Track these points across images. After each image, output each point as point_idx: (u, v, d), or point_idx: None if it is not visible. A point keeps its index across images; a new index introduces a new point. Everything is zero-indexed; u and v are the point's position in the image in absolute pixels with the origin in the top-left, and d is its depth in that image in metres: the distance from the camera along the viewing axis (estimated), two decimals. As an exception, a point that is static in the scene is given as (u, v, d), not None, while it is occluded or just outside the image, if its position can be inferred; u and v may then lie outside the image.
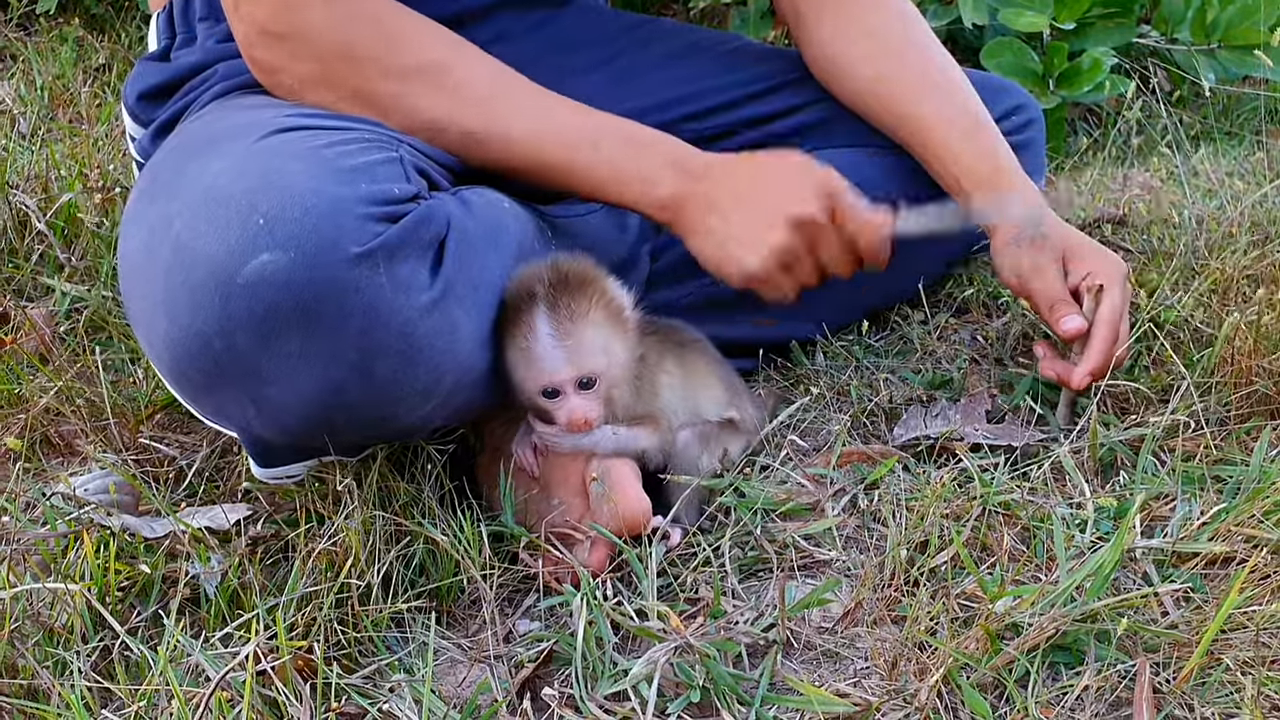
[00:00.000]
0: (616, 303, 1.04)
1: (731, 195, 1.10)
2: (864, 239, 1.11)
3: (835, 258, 1.12)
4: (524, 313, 1.00)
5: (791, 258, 1.11)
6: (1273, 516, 1.04)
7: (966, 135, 1.29)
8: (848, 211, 1.11)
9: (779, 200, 1.09)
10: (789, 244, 1.09)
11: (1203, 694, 0.90)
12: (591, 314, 1.02)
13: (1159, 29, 1.99)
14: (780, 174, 1.12)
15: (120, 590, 0.99)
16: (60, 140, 1.89)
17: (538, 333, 1.00)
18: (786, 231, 1.09)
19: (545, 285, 1.01)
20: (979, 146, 1.28)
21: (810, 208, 1.09)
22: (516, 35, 1.29)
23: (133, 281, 0.94)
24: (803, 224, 1.09)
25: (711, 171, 1.12)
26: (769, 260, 1.10)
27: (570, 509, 1.05)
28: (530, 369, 1.01)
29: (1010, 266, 1.24)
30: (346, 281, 0.87)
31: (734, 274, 1.12)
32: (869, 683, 0.93)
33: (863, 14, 1.33)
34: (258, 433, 0.98)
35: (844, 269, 1.13)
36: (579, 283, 1.02)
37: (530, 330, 1.00)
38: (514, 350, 1.01)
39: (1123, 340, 1.19)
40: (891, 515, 1.07)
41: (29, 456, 1.21)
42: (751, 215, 1.10)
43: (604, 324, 1.03)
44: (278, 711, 0.87)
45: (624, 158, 1.10)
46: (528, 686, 0.93)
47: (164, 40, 1.26)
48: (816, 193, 1.10)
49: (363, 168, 0.91)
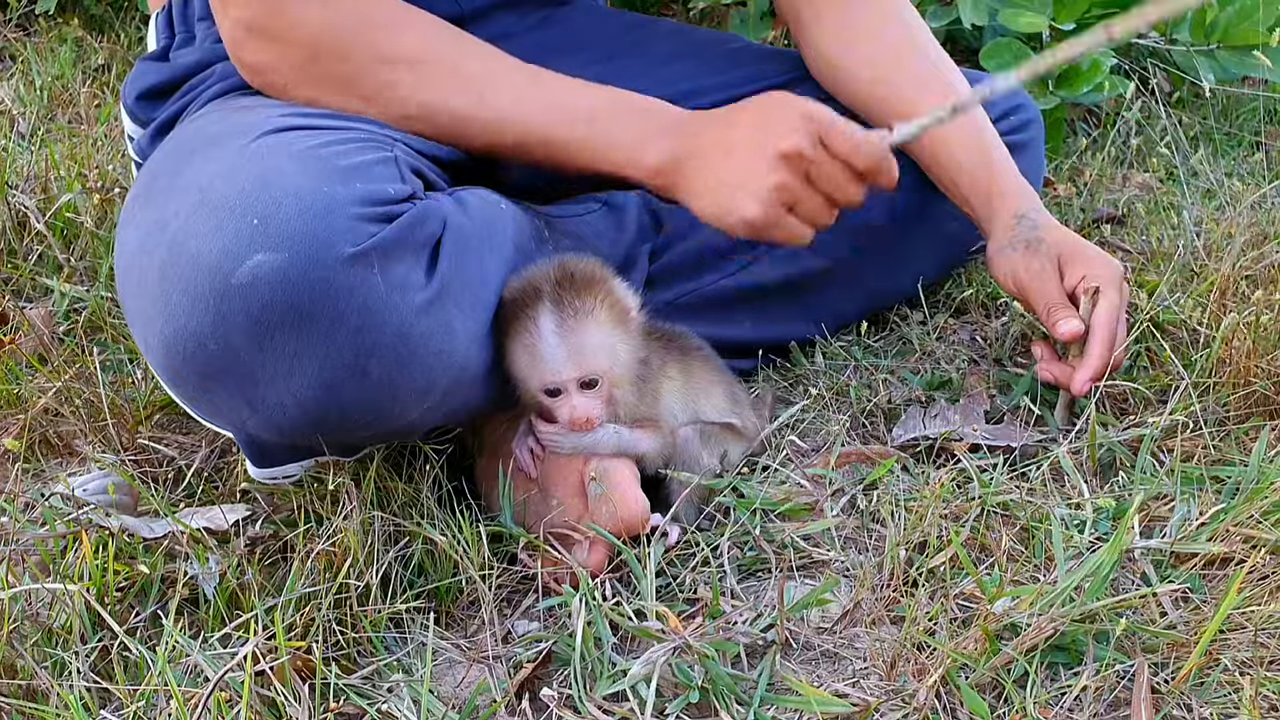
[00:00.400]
0: (622, 303, 1.04)
1: (720, 146, 1.08)
2: (861, 157, 1.07)
3: (838, 185, 1.08)
4: (529, 310, 1.00)
5: (791, 195, 1.06)
6: (1271, 517, 1.04)
7: (964, 139, 1.29)
8: (837, 135, 1.06)
9: (765, 140, 1.06)
10: (784, 181, 1.05)
11: (1201, 694, 0.90)
12: (596, 313, 1.01)
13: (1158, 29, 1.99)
14: (762, 114, 1.08)
15: (119, 590, 0.99)
16: (59, 140, 1.89)
17: (542, 331, 1.00)
18: (778, 168, 1.05)
19: (551, 283, 1.00)
20: (976, 150, 1.28)
21: (795, 139, 1.05)
22: (516, 35, 1.29)
23: (129, 282, 0.94)
24: (792, 157, 1.05)
25: (700, 127, 1.10)
26: (768, 202, 1.06)
27: (569, 509, 1.05)
28: (534, 367, 1.01)
29: (1006, 270, 1.24)
30: (341, 282, 0.87)
31: (738, 224, 1.08)
32: (868, 683, 0.93)
33: (863, 16, 1.33)
34: (253, 433, 0.98)
35: (851, 194, 1.08)
36: (585, 282, 1.02)
37: (535, 328, 1.00)
38: (518, 347, 1.01)
39: (1120, 342, 1.19)
40: (890, 515, 1.07)
41: (28, 457, 1.21)
42: (741, 161, 1.06)
43: (608, 324, 1.03)
44: (276, 712, 0.87)
45: (615, 128, 1.10)
46: (526, 687, 0.93)
47: (163, 40, 1.26)
48: (799, 122, 1.06)
49: (357, 168, 0.91)
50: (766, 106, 1.09)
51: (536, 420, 1.06)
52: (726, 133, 1.08)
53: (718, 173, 1.07)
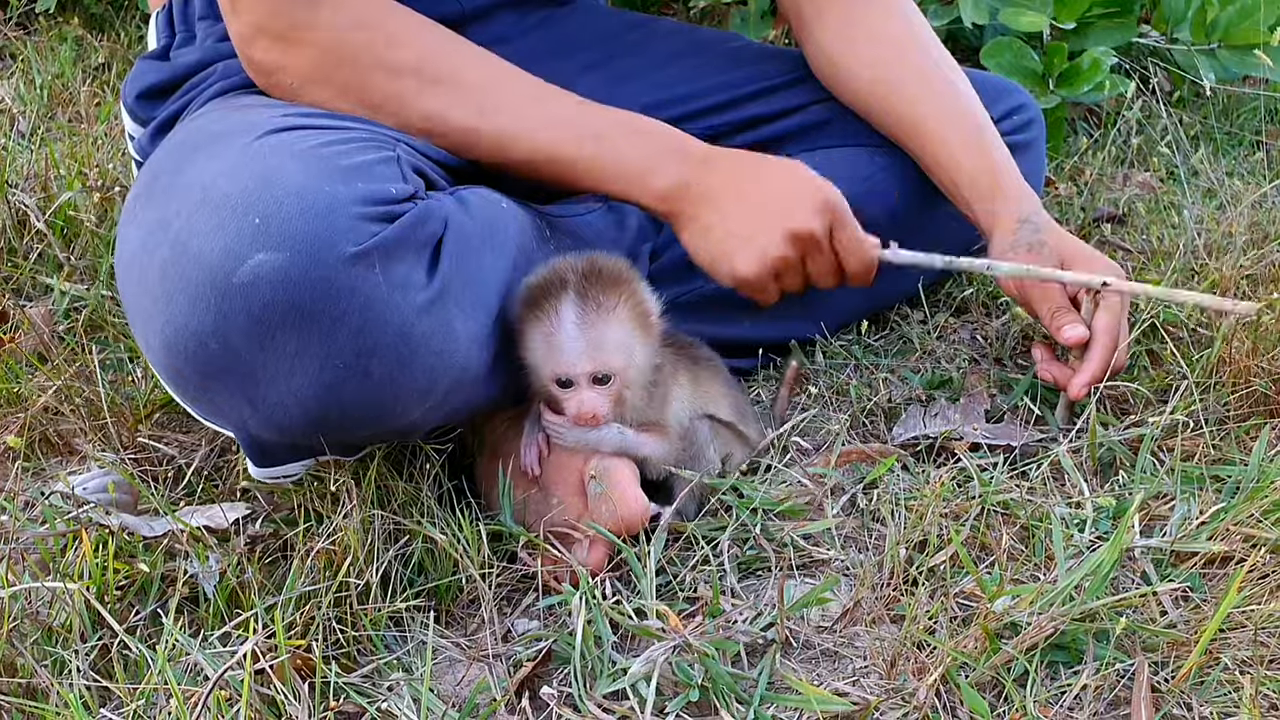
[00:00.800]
0: (644, 306, 1.04)
1: (734, 194, 1.10)
2: (854, 262, 1.14)
3: (824, 273, 1.15)
4: (552, 299, 1.00)
5: (785, 267, 1.12)
6: (1271, 516, 1.04)
7: (965, 140, 1.29)
8: (845, 233, 1.12)
9: (782, 210, 1.11)
10: (786, 256, 1.11)
11: (1201, 693, 0.90)
12: (619, 311, 1.02)
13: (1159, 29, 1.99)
14: (785, 183, 1.12)
15: (119, 589, 0.99)
16: (59, 139, 1.89)
17: (563, 320, 1.00)
18: (786, 244, 1.10)
19: (578, 275, 1.01)
20: (977, 152, 1.28)
21: (813, 225, 1.11)
22: (517, 35, 1.29)
23: (130, 281, 0.94)
24: (804, 239, 1.11)
25: (712, 163, 1.12)
26: (765, 269, 1.11)
27: (569, 508, 1.05)
28: (549, 355, 1.01)
29: (1008, 282, 1.24)
30: (342, 281, 0.87)
31: (725, 275, 1.13)
32: (868, 682, 0.93)
33: (865, 15, 1.33)
34: (254, 432, 0.98)
35: (828, 284, 1.16)
36: (611, 279, 1.02)
37: (556, 317, 1.00)
38: (536, 334, 1.01)
39: (1121, 346, 1.19)
40: (890, 514, 1.07)
41: (28, 455, 1.21)
42: (752, 220, 1.10)
43: (629, 324, 1.03)
44: (276, 710, 0.87)
45: (625, 148, 1.11)
46: (526, 686, 0.93)
47: (163, 39, 1.26)
48: (820, 209, 1.11)
49: (359, 167, 0.91)
50: (791, 177, 1.13)
51: (544, 409, 1.06)
52: (746, 186, 1.11)
53: (724, 225, 1.11)
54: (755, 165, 1.13)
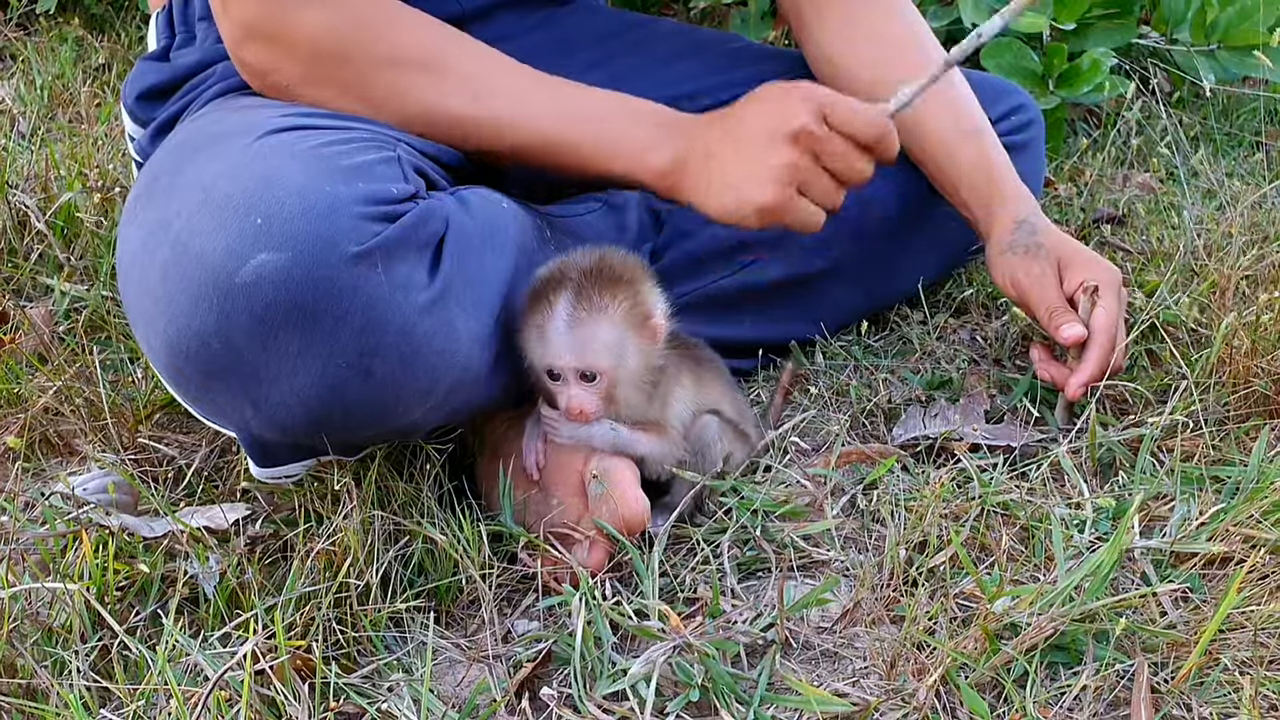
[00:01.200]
0: (643, 307, 1.04)
1: (724, 140, 1.08)
2: (865, 130, 1.06)
3: (844, 162, 1.07)
4: (552, 291, 1.00)
5: (800, 175, 1.06)
6: (1271, 517, 1.04)
7: (964, 141, 1.29)
8: (839, 109, 1.06)
9: (769, 124, 1.06)
10: (793, 159, 1.05)
11: (1201, 694, 0.90)
12: (611, 312, 1.02)
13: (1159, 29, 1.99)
14: (765, 103, 1.08)
15: (119, 590, 0.99)
16: (60, 140, 1.89)
17: (555, 314, 1.00)
18: (786, 148, 1.05)
19: (581, 272, 1.01)
20: (976, 154, 1.28)
21: (800, 119, 1.05)
22: (517, 35, 1.29)
23: (131, 281, 0.94)
24: (799, 136, 1.05)
25: (705, 126, 1.10)
26: (779, 183, 1.05)
27: (569, 509, 1.05)
28: (539, 346, 1.02)
29: (1006, 274, 1.24)
30: (344, 281, 0.87)
31: (750, 214, 1.07)
32: (867, 682, 0.93)
33: (865, 16, 1.33)
34: (256, 432, 0.98)
35: (858, 169, 1.07)
36: (613, 279, 1.02)
37: (550, 310, 1.00)
38: (530, 324, 1.01)
39: (1119, 345, 1.19)
40: (890, 515, 1.07)
41: (28, 456, 1.21)
42: (747, 149, 1.06)
43: (621, 325, 1.02)
44: (276, 711, 0.87)
45: (621, 129, 1.09)
46: (526, 686, 0.93)
47: (163, 40, 1.26)
48: (801, 100, 1.06)
49: (360, 167, 0.91)
50: (767, 95, 1.09)
51: (543, 405, 1.07)
52: (731, 128, 1.08)
53: (725, 167, 1.06)
54: (735, 108, 1.10)
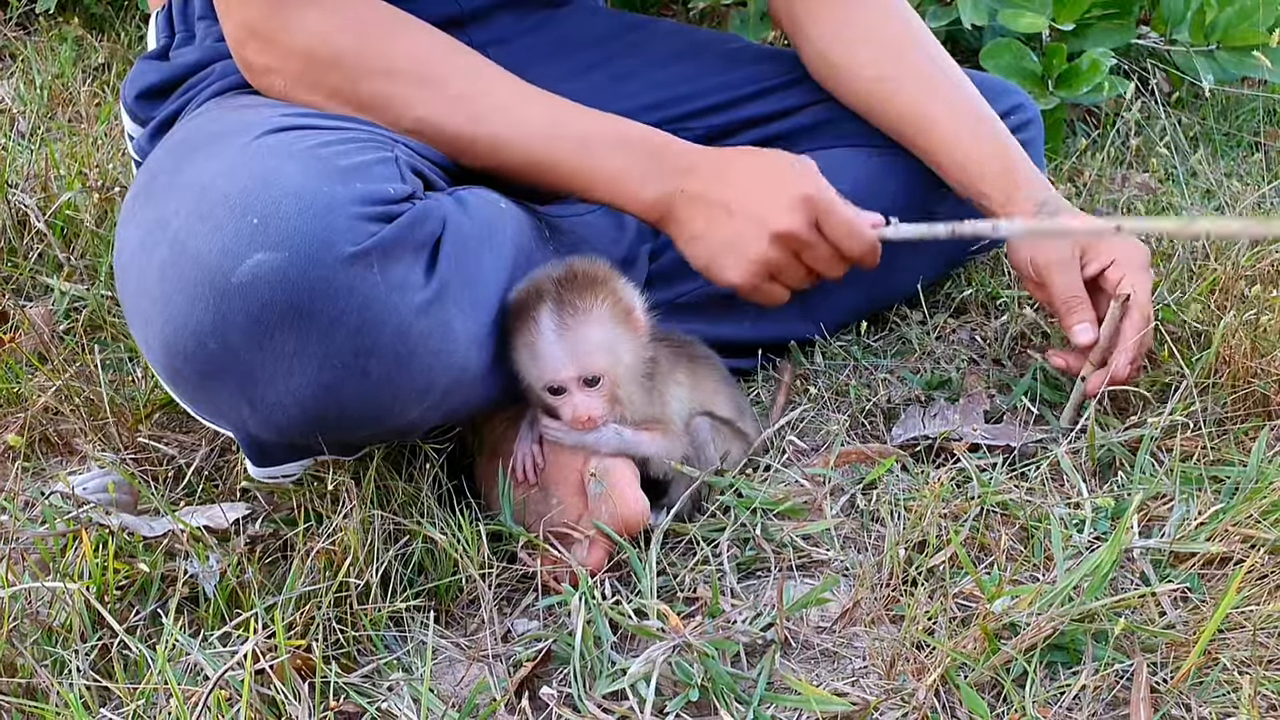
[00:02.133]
0: (625, 304, 1.05)
1: (716, 199, 1.09)
2: (852, 246, 1.11)
3: (824, 264, 1.12)
4: (532, 310, 1.00)
5: (777, 268, 1.10)
6: (1270, 517, 1.04)
7: (974, 130, 1.28)
8: (832, 221, 1.09)
9: (759, 212, 1.08)
10: (773, 258, 1.09)
11: (1200, 693, 0.90)
12: (597, 312, 1.02)
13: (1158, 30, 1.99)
14: (761, 183, 1.10)
15: (119, 589, 0.99)
16: (59, 139, 1.89)
17: (543, 329, 1.00)
18: (769, 246, 1.09)
19: (555, 283, 1.01)
20: (989, 140, 1.28)
21: (791, 222, 1.08)
22: (516, 36, 1.29)
23: (129, 281, 0.94)
24: (786, 239, 1.09)
25: (697, 169, 1.11)
26: (753, 273, 1.10)
27: (568, 508, 1.05)
28: (535, 365, 1.02)
29: (1026, 257, 1.24)
30: (341, 281, 0.87)
31: (719, 281, 1.12)
32: (867, 682, 0.93)
33: (862, 18, 1.33)
34: (253, 432, 0.98)
35: (834, 272, 1.13)
36: (588, 282, 1.02)
37: (536, 327, 1.00)
38: (520, 346, 1.01)
39: (1148, 321, 1.19)
40: (890, 515, 1.07)
41: (28, 455, 1.21)
42: (733, 226, 1.09)
43: (610, 323, 1.03)
44: (276, 710, 0.87)
45: (611, 158, 1.10)
46: (526, 686, 0.93)
47: (163, 39, 1.26)
48: (797, 206, 1.08)
49: (357, 167, 0.91)
50: (769, 173, 1.11)
51: (542, 415, 1.07)
52: (726, 189, 1.09)
53: (711, 228, 1.09)
54: (734, 164, 1.11)
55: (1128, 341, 1.17)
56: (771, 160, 1.12)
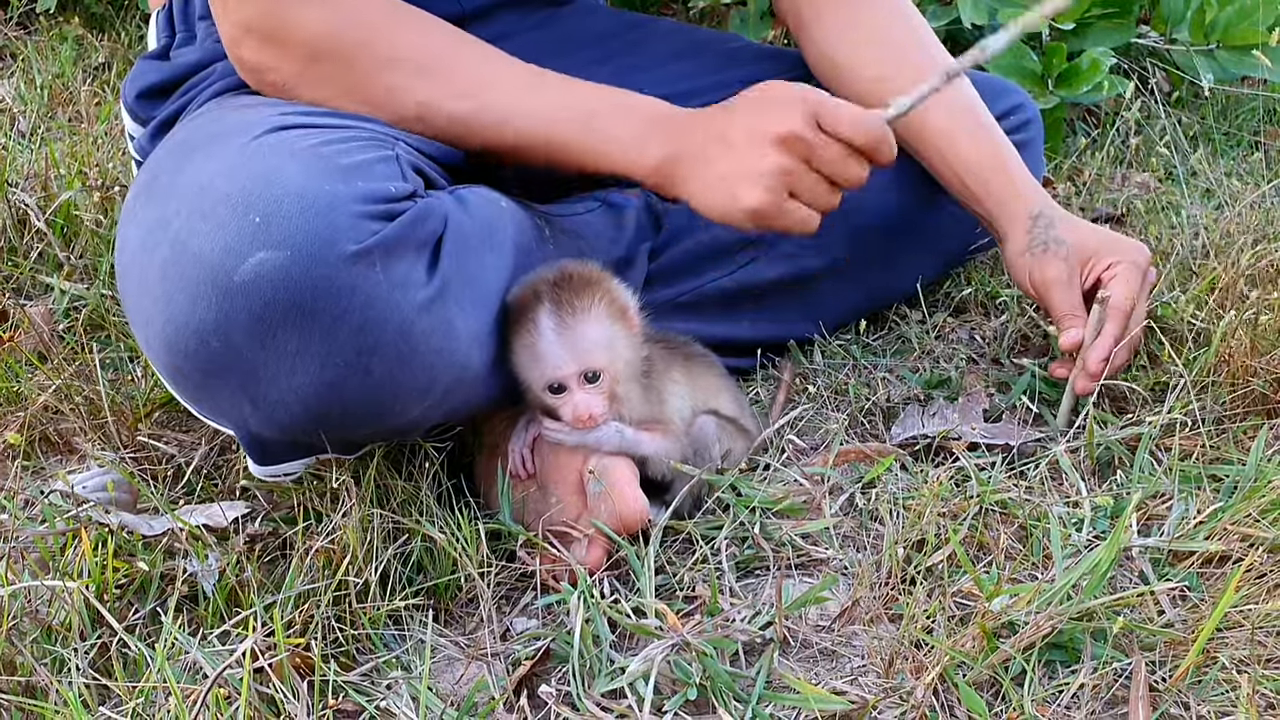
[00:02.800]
0: (620, 302, 1.05)
1: (717, 139, 1.07)
2: (860, 133, 1.05)
3: (838, 165, 1.05)
4: (529, 311, 1.01)
5: (791, 179, 1.04)
6: (1269, 515, 1.04)
7: (973, 137, 1.28)
8: (832, 113, 1.04)
9: (757, 127, 1.04)
10: (782, 164, 1.03)
11: (1199, 692, 0.90)
12: (594, 310, 1.02)
13: (1158, 29, 1.99)
14: (756, 103, 1.07)
15: (118, 588, 0.99)
16: (60, 139, 1.90)
17: (541, 328, 1.00)
18: (775, 152, 1.03)
19: (550, 285, 1.02)
20: (987, 148, 1.28)
21: (790, 122, 1.03)
22: (517, 34, 1.29)
23: (130, 280, 0.94)
24: (789, 140, 1.03)
25: (697, 123, 1.09)
26: (768, 187, 1.04)
27: (567, 507, 1.06)
28: (535, 365, 1.02)
29: (1025, 275, 1.24)
30: (343, 280, 0.87)
31: (742, 215, 1.06)
32: (866, 680, 0.93)
33: (866, 18, 1.33)
34: (254, 430, 0.98)
35: (852, 173, 1.06)
36: (583, 282, 1.03)
37: (534, 327, 1.01)
38: (520, 348, 1.02)
39: (1136, 324, 1.19)
40: (889, 514, 1.07)
41: (28, 454, 1.21)
42: (739, 152, 1.05)
43: (607, 320, 1.03)
44: (275, 709, 0.87)
45: (616, 125, 1.09)
46: (525, 684, 0.93)
47: (163, 39, 1.26)
48: (794, 104, 1.04)
49: (359, 166, 0.91)
50: (760, 95, 1.08)
51: (542, 417, 1.07)
52: (722, 126, 1.07)
53: (716, 166, 1.05)
54: (729, 106, 1.09)
55: (1106, 339, 1.17)
56: (761, 87, 1.09)
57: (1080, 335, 1.18)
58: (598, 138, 1.09)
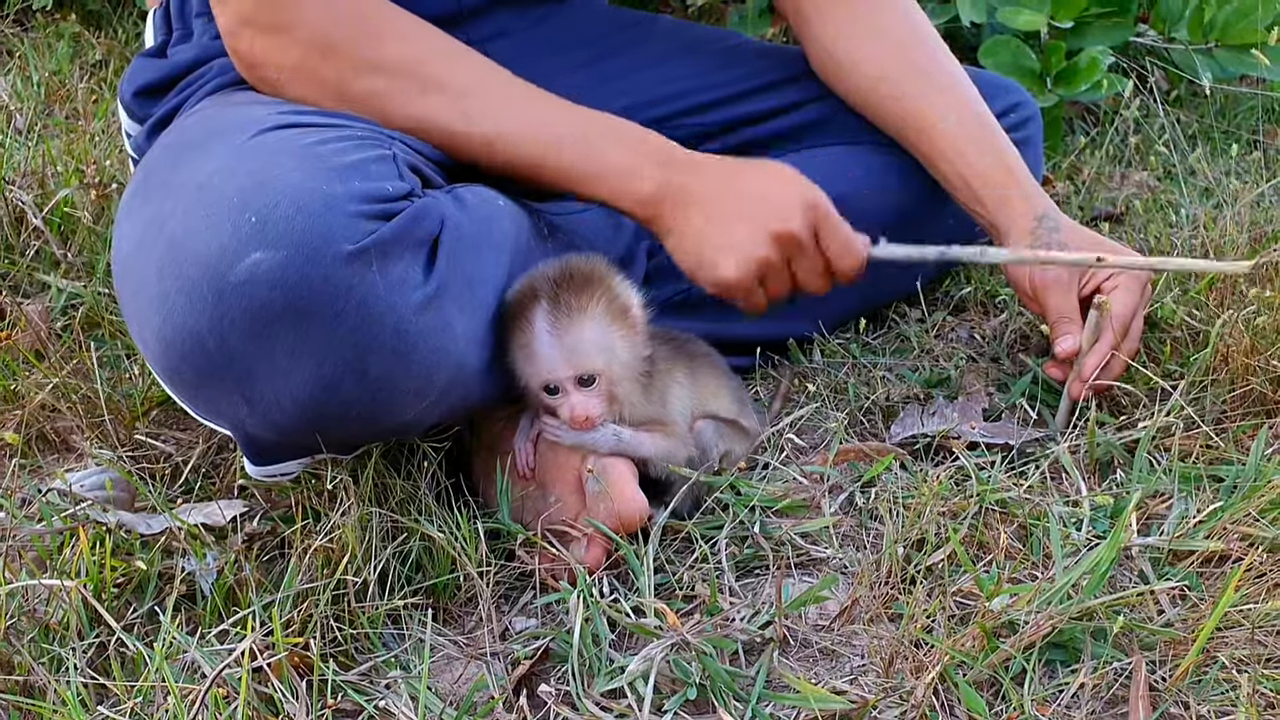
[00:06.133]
0: (621, 301, 1.04)
1: (715, 198, 1.09)
2: (842, 261, 1.12)
3: (812, 275, 1.13)
4: (526, 310, 1.00)
5: (769, 270, 1.10)
6: (1269, 515, 1.04)
7: (975, 136, 1.28)
8: (832, 233, 1.10)
9: (765, 212, 1.09)
10: (769, 257, 1.09)
11: (1198, 691, 0.90)
12: (591, 311, 1.02)
13: (1156, 28, 1.99)
14: (767, 185, 1.11)
15: (116, 587, 0.99)
16: (57, 136, 1.89)
17: (536, 329, 1.00)
18: (768, 245, 1.09)
19: (550, 282, 1.01)
20: (989, 147, 1.28)
21: (795, 225, 1.09)
22: (515, 32, 1.29)
23: (127, 279, 0.94)
24: (784, 239, 1.09)
25: (696, 168, 1.11)
26: (747, 271, 1.10)
27: (566, 506, 1.05)
28: (530, 365, 1.02)
29: (1025, 277, 1.24)
30: (339, 279, 0.86)
31: (708, 279, 1.11)
32: (865, 680, 0.93)
33: (868, 13, 1.33)
34: (251, 431, 0.98)
35: (818, 286, 1.14)
36: (583, 280, 1.02)
37: (530, 327, 1.00)
38: (516, 347, 1.01)
39: (1134, 338, 1.19)
40: (888, 513, 1.07)
41: (25, 453, 1.21)
42: (735, 224, 1.09)
43: (604, 322, 1.03)
44: (274, 708, 0.87)
45: (609, 153, 1.10)
46: (524, 684, 0.93)
47: (160, 36, 1.25)
48: (802, 209, 1.09)
49: (355, 165, 0.91)
50: (774, 178, 1.12)
51: (542, 413, 1.07)
52: (725, 191, 1.09)
53: (706, 228, 1.09)
54: (737, 169, 1.12)
55: (1103, 346, 1.17)
56: (778, 169, 1.13)
57: (1076, 344, 1.18)
58: (591, 160, 1.10)
